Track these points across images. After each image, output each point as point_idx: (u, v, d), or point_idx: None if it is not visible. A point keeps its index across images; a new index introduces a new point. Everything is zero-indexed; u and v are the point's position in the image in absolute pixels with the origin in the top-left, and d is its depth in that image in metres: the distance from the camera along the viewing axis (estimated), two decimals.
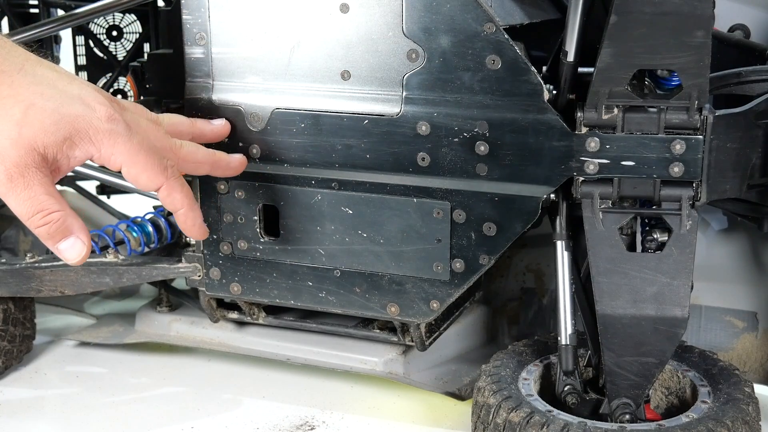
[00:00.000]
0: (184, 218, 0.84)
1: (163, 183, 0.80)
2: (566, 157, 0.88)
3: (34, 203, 0.72)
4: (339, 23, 0.93)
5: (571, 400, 0.94)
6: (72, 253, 0.76)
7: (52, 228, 0.74)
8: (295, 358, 1.15)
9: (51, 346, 1.31)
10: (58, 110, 0.72)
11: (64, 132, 0.73)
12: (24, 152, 0.71)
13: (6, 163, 0.71)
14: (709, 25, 0.78)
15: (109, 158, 0.76)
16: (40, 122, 0.71)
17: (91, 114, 0.74)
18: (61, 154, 0.73)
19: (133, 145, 0.76)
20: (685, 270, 0.87)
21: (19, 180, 0.71)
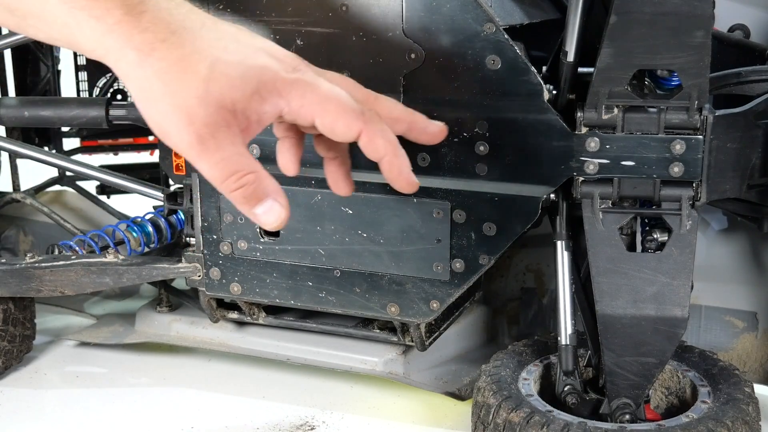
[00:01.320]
0: (389, 167, 0.75)
1: (361, 129, 0.71)
2: (566, 157, 0.88)
3: (227, 165, 0.67)
4: (339, 23, 0.93)
5: (571, 400, 0.94)
6: (270, 217, 0.69)
7: (248, 191, 0.68)
8: (295, 358, 1.15)
9: (51, 346, 1.31)
10: (244, 62, 0.67)
11: (251, 86, 0.67)
12: (213, 110, 0.65)
13: (196, 123, 0.65)
14: (709, 25, 0.78)
15: (300, 110, 0.69)
16: (226, 77, 0.66)
17: (277, 65, 0.69)
18: (250, 109, 0.67)
19: (322, 92, 0.69)
20: (685, 270, 0.87)
21: (210, 141, 0.66)
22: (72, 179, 1.55)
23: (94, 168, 1.31)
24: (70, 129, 1.56)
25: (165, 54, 0.65)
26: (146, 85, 0.65)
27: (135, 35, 0.64)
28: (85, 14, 0.63)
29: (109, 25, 0.64)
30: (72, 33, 0.65)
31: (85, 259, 1.14)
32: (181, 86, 0.65)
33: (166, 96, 0.65)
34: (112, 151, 1.62)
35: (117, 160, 1.63)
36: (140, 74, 0.65)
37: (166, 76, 0.65)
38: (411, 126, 0.79)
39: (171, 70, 0.65)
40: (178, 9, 0.67)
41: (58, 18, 0.64)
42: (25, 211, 1.54)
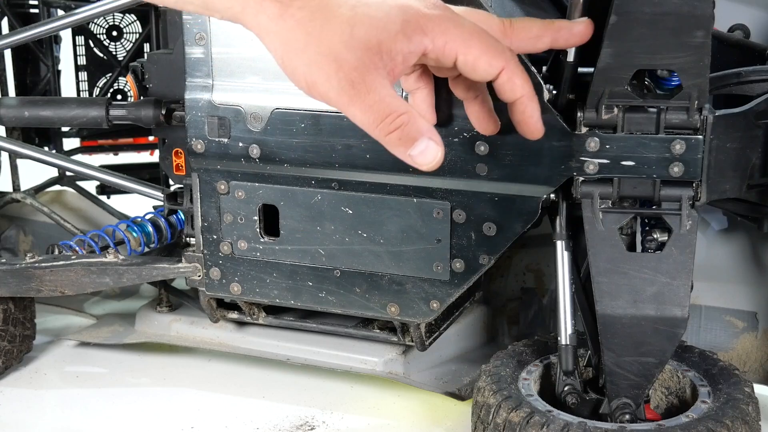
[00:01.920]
0: (523, 108, 0.73)
1: (503, 66, 0.70)
2: (566, 157, 0.88)
3: (381, 107, 0.65)
4: None
5: (571, 400, 0.94)
6: (427, 157, 0.68)
7: (403, 132, 0.67)
8: (295, 358, 1.15)
9: (51, 346, 1.31)
10: (386, 2, 0.66)
11: (396, 25, 0.65)
12: (361, 53, 0.64)
13: (345, 69, 0.64)
14: (709, 25, 0.78)
15: (444, 47, 0.68)
16: (369, 18, 0.65)
17: (419, 2, 0.67)
18: (395, 49, 0.66)
19: (465, 29, 0.68)
20: (685, 270, 0.87)
21: (361, 85, 0.65)
22: (72, 179, 1.55)
23: (94, 168, 1.31)
24: (70, 129, 1.56)
25: (305, 2, 0.64)
26: (289, 37, 0.65)
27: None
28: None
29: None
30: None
31: (85, 259, 1.14)
32: (325, 33, 0.64)
33: (311, 44, 0.64)
34: (112, 151, 1.63)
35: (117, 160, 1.63)
36: (282, 26, 0.64)
37: (308, 25, 0.64)
38: (555, 36, 0.77)
39: (313, 18, 0.64)
40: None
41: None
42: (25, 211, 1.54)
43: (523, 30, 0.76)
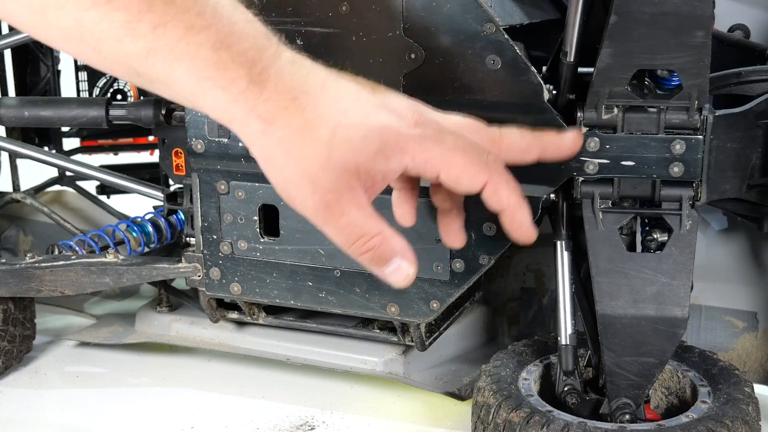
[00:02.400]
0: (511, 219, 0.73)
1: (486, 180, 0.70)
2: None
3: (353, 230, 0.67)
4: (339, 23, 0.93)
5: (571, 400, 0.94)
6: (399, 276, 0.69)
7: (376, 254, 0.68)
8: (295, 358, 1.15)
9: (51, 346, 1.31)
10: (365, 123, 0.67)
11: (374, 146, 0.67)
12: (337, 176, 0.66)
13: (320, 191, 0.66)
14: (709, 25, 0.78)
15: (425, 165, 0.69)
16: (348, 141, 0.66)
17: (399, 121, 0.68)
18: (374, 170, 0.67)
19: (446, 146, 0.69)
20: (685, 270, 0.87)
21: (335, 207, 0.66)
22: (72, 179, 1.55)
23: (94, 168, 1.31)
24: (70, 129, 1.56)
25: (287, 122, 0.66)
26: (270, 153, 0.67)
27: (258, 104, 0.65)
28: (211, 84, 0.65)
29: (234, 95, 0.65)
30: (197, 99, 0.66)
31: (85, 259, 1.14)
32: (303, 154, 0.66)
33: (290, 164, 0.66)
34: (112, 151, 1.63)
35: (117, 160, 1.63)
36: (264, 143, 0.66)
37: (288, 144, 0.66)
38: (544, 150, 0.77)
39: (293, 138, 0.66)
40: (299, 72, 0.68)
41: (185, 85, 0.65)
42: (25, 211, 1.54)
43: (513, 142, 0.75)
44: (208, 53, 0.64)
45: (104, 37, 0.63)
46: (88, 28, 0.63)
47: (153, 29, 0.63)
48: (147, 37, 0.63)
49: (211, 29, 0.64)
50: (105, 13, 0.62)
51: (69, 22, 0.63)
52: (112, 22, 0.62)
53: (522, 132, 0.75)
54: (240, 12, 0.67)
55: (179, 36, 0.63)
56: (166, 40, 0.64)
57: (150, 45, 0.63)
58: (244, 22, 0.66)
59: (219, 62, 0.64)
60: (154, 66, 0.65)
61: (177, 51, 0.64)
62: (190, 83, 0.65)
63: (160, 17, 0.63)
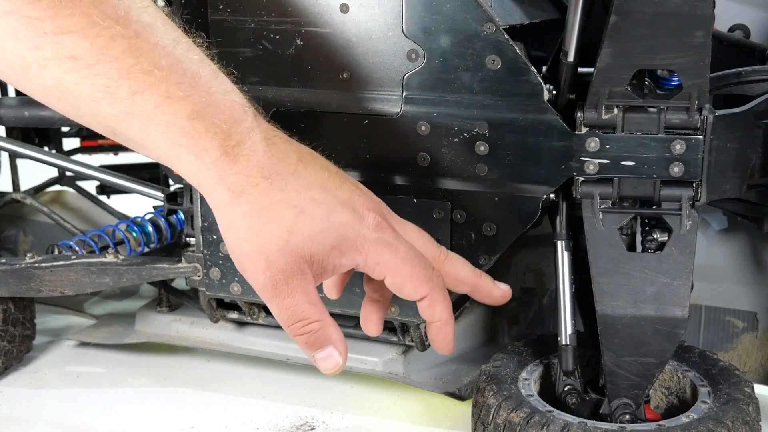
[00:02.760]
0: (437, 331, 0.79)
1: (427, 293, 0.76)
2: (566, 157, 0.88)
3: (296, 311, 0.70)
4: (339, 23, 0.93)
5: (571, 400, 0.94)
6: (327, 364, 0.73)
7: (311, 338, 0.71)
8: (295, 358, 1.15)
9: (51, 346, 1.31)
10: (327, 218, 0.71)
11: (332, 240, 0.71)
12: (291, 260, 0.69)
13: (272, 270, 0.69)
14: (709, 25, 0.78)
15: (374, 267, 0.73)
16: (308, 230, 0.70)
17: (360, 222, 0.72)
18: (327, 262, 0.71)
19: (399, 255, 0.73)
20: (685, 270, 0.87)
21: (283, 287, 0.69)
22: (72, 179, 1.55)
23: (94, 168, 1.31)
24: (70, 129, 1.55)
25: (254, 198, 0.69)
26: (232, 223, 0.70)
27: (228, 176, 0.68)
28: (185, 150, 0.67)
29: (206, 163, 0.68)
30: (171, 161, 0.69)
31: (85, 259, 1.14)
32: (264, 232, 0.69)
33: (249, 238, 0.69)
34: (112, 151, 1.62)
35: (117, 160, 1.63)
36: (228, 212, 0.69)
37: (251, 220, 0.69)
38: (475, 289, 0.82)
39: (258, 216, 0.69)
40: (272, 150, 0.71)
41: (160, 148, 0.68)
42: (25, 211, 1.54)
43: (453, 269, 0.80)
44: (183, 122, 0.66)
45: (83, 98, 0.65)
46: (68, 89, 0.65)
47: (131, 95, 0.65)
48: (125, 102, 0.66)
49: (188, 99, 0.67)
50: (85, 77, 0.64)
51: (50, 81, 0.65)
52: (91, 85, 0.65)
53: (464, 264, 0.81)
54: (219, 82, 0.70)
55: (156, 103, 0.66)
56: (144, 106, 0.66)
57: (127, 109, 0.66)
58: (222, 93, 0.69)
59: (193, 131, 0.67)
60: (130, 128, 0.67)
61: (153, 117, 0.66)
62: (164, 147, 0.68)
63: (138, 84, 0.65)
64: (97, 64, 0.64)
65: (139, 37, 0.66)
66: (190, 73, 0.68)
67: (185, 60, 0.68)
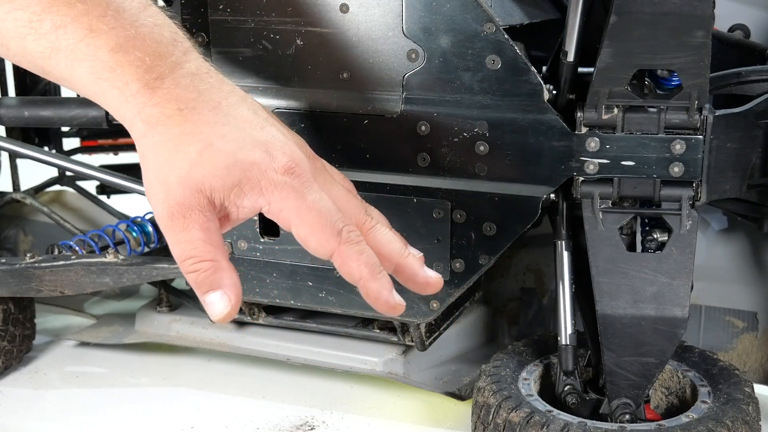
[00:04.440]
0: (366, 292, 0.71)
1: (334, 249, 0.69)
2: (566, 157, 0.88)
3: (188, 247, 0.67)
4: (339, 23, 0.93)
5: (571, 400, 0.94)
6: (215, 308, 0.68)
7: (200, 277, 0.68)
8: (295, 358, 1.15)
9: (51, 346, 1.31)
10: (234, 154, 0.67)
11: (234, 178, 0.67)
12: (189, 192, 0.67)
13: (170, 201, 0.67)
14: (709, 25, 0.78)
15: (279, 213, 0.69)
16: (212, 164, 0.67)
17: (268, 164, 0.68)
18: (228, 201, 0.68)
19: (305, 202, 0.68)
20: (685, 270, 0.87)
21: (179, 220, 0.67)
22: (72, 179, 1.55)
23: (94, 168, 1.31)
24: (70, 129, 1.56)
25: (166, 129, 0.67)
26: (144, 155, 0.68)
27: (146, 108, 0.67)
28: (108, 85, 0.66)
29: (126, 97, 0.67)
30: (98, 97, 0.68)
31: (85, 259, 1.14)
32: (168, 163, 0.67)
33: (154, 168, 0.68)
34: (112, 151, 1.62)
35: (117, 160, 1.63)
36: (143, 143, 0.68)
37: (159, 150, 0.67)
38: (399, 268, 0.75)
39: (165, 146, 0.67)
40: (196, 85, 0.68)
41: (86, 84, 0.67)
42: (25, 211, 1.54)
43: (375, 242, 0.73)
44: (106, 56, 0.66)
45: (10, 35, 0.65)
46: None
47: (54, 29, 0.65)
48: (49, 37, 0.65)
49: (111, 32, 0.66)
50: (8, 11, 0.64)
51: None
52: (15, 21, 0.64)
53: (391, 238, 0.74)
54: (148, 15, 0.68)
55: (80, 37, 0.65)
56: (67, 41, 0.65)
57: (52, 45, 0.65)
58: (150, 26, 0.68)
59: (116, 65, 0.66)
60: (57, 65, 0.67)
61: (77, 52, 0.65)
62: (90, 83, 0.67)
63: (61, 18, 0.65)
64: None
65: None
66: (114, 6, 0.66)
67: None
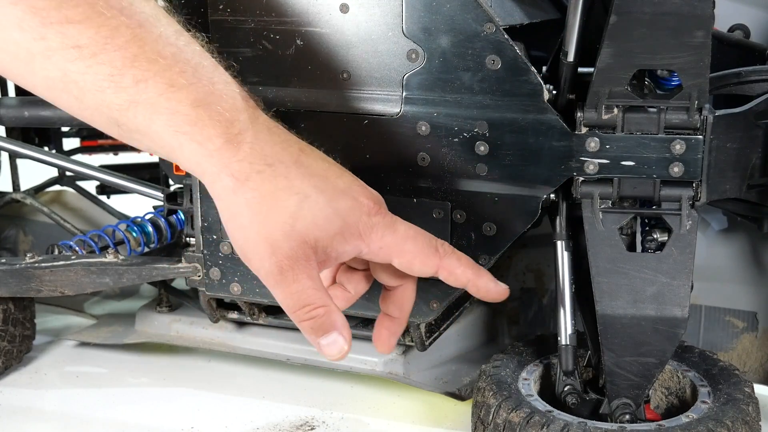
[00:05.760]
0: (476, 289, 0.78)
1: (438, 264, 0.76)
2: (566, 157, 0.88)
3: (302, 297, 0.70)
4: (339, 23, 0.93)
5: (571, 400, 0.94)
6: (332, 349, 0.72)
7: (317, 323, 0.71)
8: (295, 358, 1.15)
9: (51, 346, 1.31)
10: (330, 204, 0.71)
11: (336, 227, 0.71)
12: (296, 245, 0.70)
13: (278, 255, 0.70)
14: (709, 25, 0.78)
15: (378, 252, 0.74)
16: (312, 216, 0.70)
17: (360, 208, 0.73)
18: (331, 248, 0.72)
19: (399, 235, 0.74)
20: (685, 270, 0.87)
21: (288, 273, 0.70)
22: (72, 179, 1.55)
23: (94, 168, 1.31)
24: (70, 129, 1.56)
25: (258, 185, 0.69)
26: (236, 211, 0.70)
27: (232, 163, 0.69)
28: (187, 138, 0.68)
29: (210, 151, 0.68)
30: (174, 151, 0.69)
31: (85, 259, 1.14)
32: (269, 218, 0.69)
33: (254, 225, 0.70)
34: (112, 151, 1.62)
35: (117, 160, 1.63)
36: (232, 200, 0.70)
37: (256, 207, 0.69)
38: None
39: (262, 202, 0.69)
40: (274, 139, 0.72)
41: (163, 137, 0.68)
42: (25, 211, 1.54)
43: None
44: (187, 109, 0.67)
45: (87, 88, 0.66)
46: (73, 79, 0.65)
47: (135, 83, 0.66)
48: (129, 91, 0.66)
49: (191, 87, 0.67)
50: (90, 66, 0.65)
51: (54, 72, 0.65)
52: (96, 75, 0.65)
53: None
54: (219, 73, 0.70)
55: (160, 91, 0.66)
56: (148, 94, 0.66)
57: (132, 98, 0.66)
58: (223, 83, 0.70)
59: (197, 119, 0.67)
60: (134, 117, 0.67)
61: (157, 105, 0.66)
62: (167, 136, 0.68)
63: (142, 73, 0.66)
64: (102, 53, 0.64)
65: (143, 27, 0.66)
66: (192, 62, 0.68)
67: (187, 51, 0.69)
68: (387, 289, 0.82)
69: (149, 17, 0.67)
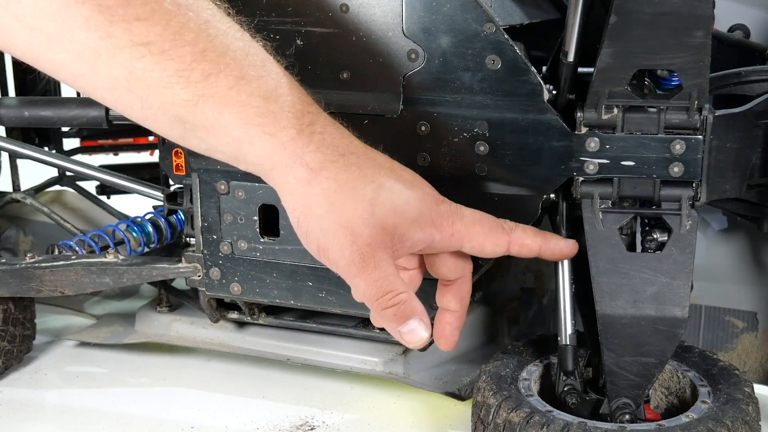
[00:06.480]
0: (550, 253, 0.82)
1: (508, 241, 0.78)
2: (566, 157, 0.88)
3: (384, 283, 0.70)
4: (339, 23, 0.93)
5: (571, 400, 0.94)
6: (414, 336, 0.72)
7: (399, 310, 0.71)
8: (295, 358, 1.15)
9: (51, 346, 1.31)
10: (404, 192, 0.72)
11: (412, 214, 0.72)
12: (376, 232, 0.70)
13: (359, 242, 0.69)
14: (709, 25, 0.78)
15: (450, 238, 0.75)
16: (390, 203, 0.71)
17: (429, 197, 0.75)
18: (407, 236, 0.72)
19: (467, 220, 0.76)
20: (685, 270, 0.87)
21: (370, 260, 0.70)
22: (72, 179, 1.55)
23: (94, 168, 1.31)
24: (70, 129, 1.56)
25: (334, 174, 0.69)
26: (311, 202, 0.70)
27: (307, 153, 0.69)
28: (259, 130, 0.67)
29: (283, 142, 0.68)
30: (240, 146, 0.69)
31: (85, 259, 1.14)
32: (347, 206, 0.69)
33: (332, 214, 0.69)
34: (112, 151, 1.62)
35: (117, 160, 1.63)
36: (307, 191, 0.69)
37: (333, 195, 0.69)
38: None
39: (339, 191, 0.69)
40: (342, 131, 0.73)
41: (231, 132, 0.68)
42: (25, 211, 1.54)
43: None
44: (258, 102, 0.67)
45: (154, 85, 0.65)
46: (139, 76, 0.65)
47: (205, 78, 0.65)
48: (198, 85, 0.66)
49: (261, 80, 0.67)
50: (158, 62, 0.64)
51: (119, 71, 0.64)
52: (164, 71, 0.64)
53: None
54: (283, 69, 0.72)
55: (230, 84, 0.66)
56: (218, 87, 0.66)
57: (201, 92, 0.66)
58: (288, 78, 0.71)
59: (268, 111, 0.67)
60: (202, 112, 0.67)
61: (228, 98, 0.66)
62: (236, 129, 0.67)
63: (212, 67, 0.66)
64: (171, 49, 0.64)
65: (209, 23, 0.66)
66: (260, 57, 0.69)
67: (253, 46, 0.69)
68: (444, 284, 0.81)
69: (215, 13, 0.68)
